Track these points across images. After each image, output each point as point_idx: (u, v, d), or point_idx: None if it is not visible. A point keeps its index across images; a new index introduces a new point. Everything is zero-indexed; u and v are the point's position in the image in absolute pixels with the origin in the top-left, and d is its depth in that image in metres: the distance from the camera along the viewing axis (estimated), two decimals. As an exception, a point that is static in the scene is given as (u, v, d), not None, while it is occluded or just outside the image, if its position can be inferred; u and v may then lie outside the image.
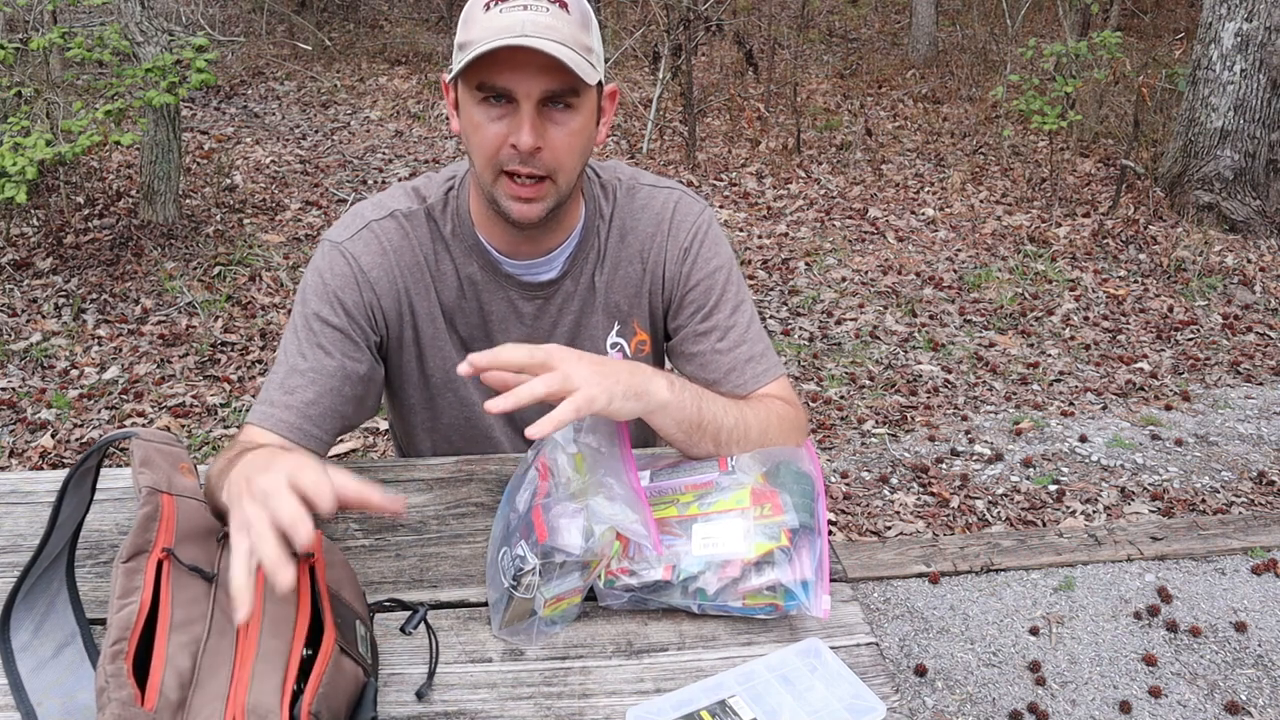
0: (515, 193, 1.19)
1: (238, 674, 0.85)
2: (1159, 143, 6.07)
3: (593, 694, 0.97)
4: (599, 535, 1.00)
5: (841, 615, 1.07)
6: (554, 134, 1.17)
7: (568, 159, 1.19)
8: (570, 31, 1.14)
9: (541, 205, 1.21)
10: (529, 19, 1.12)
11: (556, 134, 1.17)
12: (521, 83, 1.13)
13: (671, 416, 1.16)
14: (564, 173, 1.20)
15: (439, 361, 1.37)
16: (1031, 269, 4.76)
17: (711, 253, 1.37)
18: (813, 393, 3.68)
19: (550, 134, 1.17)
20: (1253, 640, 2.49)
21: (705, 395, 1.21)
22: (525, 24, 1.12)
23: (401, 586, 1.11)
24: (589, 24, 1.17)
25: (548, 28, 1.12)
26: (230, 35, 8.12)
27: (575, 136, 1.19)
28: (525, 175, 1.18)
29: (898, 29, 9.97)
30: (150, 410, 3.42)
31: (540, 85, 1.13)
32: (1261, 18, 5.01)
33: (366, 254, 1.29)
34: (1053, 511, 3.01)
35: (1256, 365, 3.95)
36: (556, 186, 1.21)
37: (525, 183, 1.19)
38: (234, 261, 4.45)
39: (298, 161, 5.94)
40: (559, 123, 1.17)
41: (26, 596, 1.01)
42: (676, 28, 6.15)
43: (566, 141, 1.18)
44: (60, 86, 5.06)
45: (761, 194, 5.71)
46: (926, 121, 7.05)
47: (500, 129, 1.16)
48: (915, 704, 2.31)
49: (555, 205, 1.23)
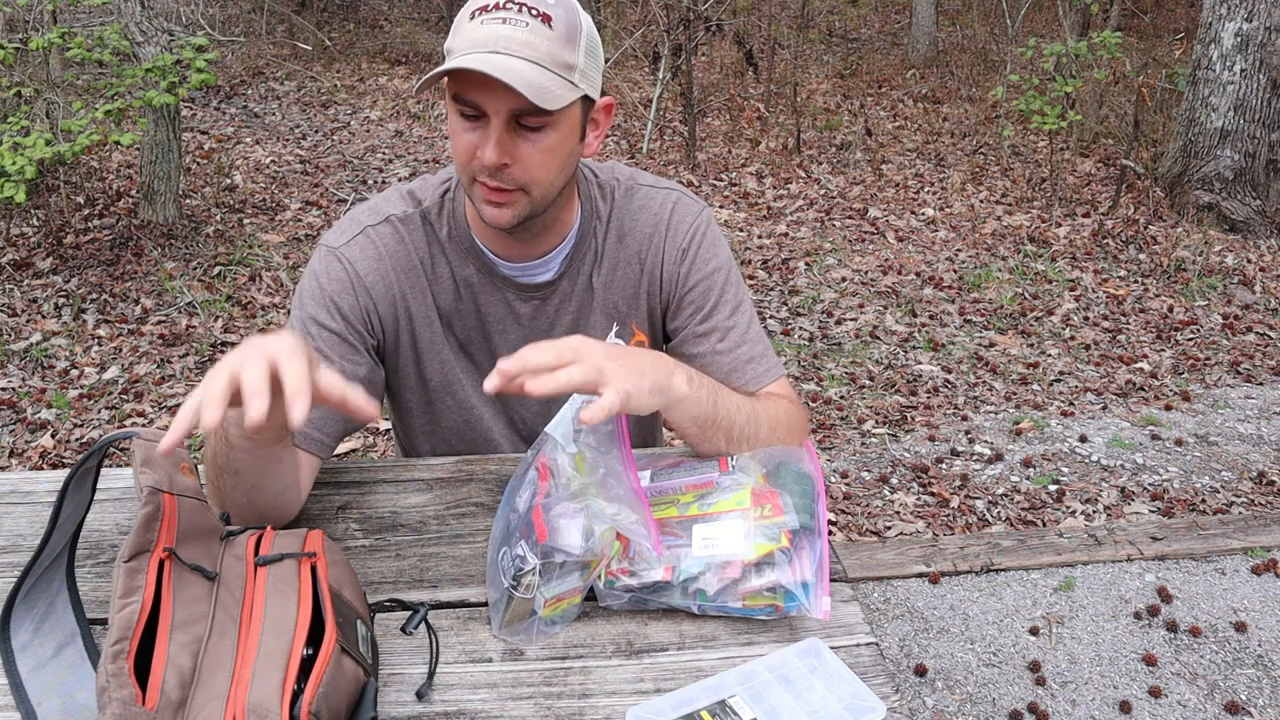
0: (487, 196, 1.19)
1: (238, 673, 0.85)
2: (1159, 143, 6.07)
3: (593, 694, 0.97)
4: (599, 535, 1.00)
5: (841, 615, 1.07)
6: (524, 150, 1.16)
7: (540, 174, 1.19)
8: (548, 48, 1.12)
9: (512, 211, 1.20)
10: (505, 34, 1.11)
11: (527, 150, 1.16)
12: (490, 100, 1.13)
13: (688, 411, 1.16)
14: (538, 186, 1.20)
15: (436, 365, 1.37)
16: (1031, 269, 4.76)
17: (710, 253, 1.37)
18: (813, 393, 3.68)
19: (520, 150, 1.16)
20: (1253, 640, 2.49)
21: (721, 391, 1.21)
22: (499, 39, 1.11)
23: (401, 586, 1.11)
24: (574, 39, 1.15)
25: (523, 44, 1.11)
26: (230, 35, 8.12)
27: (547, 154, 1.17)
28: (494, 186, 1.18)
29: (898, 29, 9.97)
30: (150, 410, 3.42)
31: (507, 104, 1.12)
32: (1261, 18, 5.01)
33: (362, 259, 1.29)
34: (1053, 511, 3.01)
35: (1256, 365, 3.95)
36: (530, 198, 1.20)
37: (495, 189, 1.19)
38: (234, 261, 4.45)
39: (298, 161, 5.94)
40: (530, 140, 1.16)
41: (27, 596, 1.01)
42: (676, 28, 6.15)
43: (538, 158, 1.17)
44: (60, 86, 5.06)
45: (761, 194, 5.71)
46: (926, 121, 7.05)
47: (472, 139, 1.16)
48: (915, 704, 2.31)
49: (530, 214, 1.22)
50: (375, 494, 1.27)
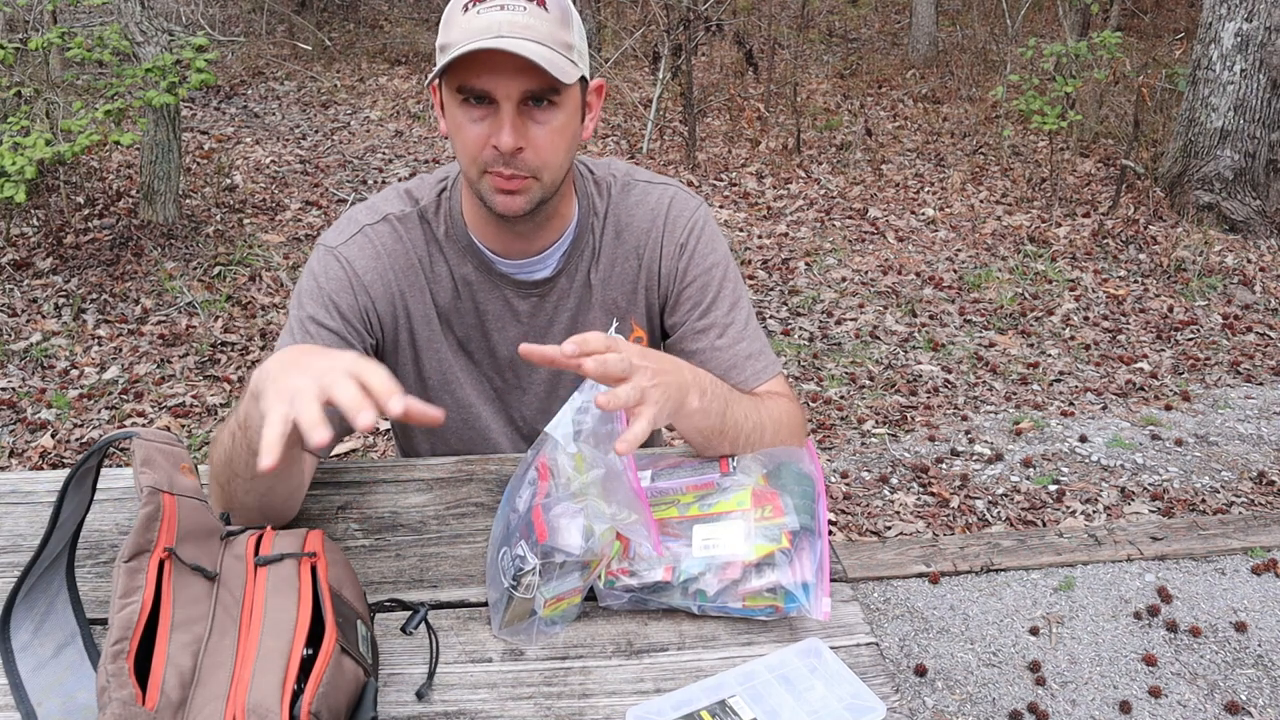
0: (499, 185, 1.19)
1: (238, 673, 0.85)
2: (1159, 143, 6.07)
3: (593, 694, 0.97)
4: (599, 535, 1.00)
5: (841, 615, 1.07)
6: (536, 133, 1.17)
7: (552, 157, 1.19)
8: (549, 29, 1.13)
9: (525, 198, 1.20)
10: (505, 19, 1.12)
11: (539, 133, 1.17)
12: (500, 84, 1.13)
13: (695, 424, 1.16)
14: (549, 170, 1.20)
15: (435, 364, 1.37)
16: (1031, 269, 4.76)
17: (708, 249, 1.37)
18: (813, 393, 3.68)
19: (532, 133, 1.17)
20: (1253, 640, 2.49)
21: (732, 401, 1.20)
22: (502, 24, 1.11)
23: (401, 586, 1.11)
24: (569, 20, 1.17)
25: (525, 27, 1.12)
26: (230, 35, 8.12)
27: (558, 134, 1.18)
28: (508, 175, 1.18)
29: (898, 29, 9.97)
30: (150, 410, 3.42)
31: (519, 86, 1.13)
32: (1261, 18, 5.01)
33: (360, 258, 1.29)
34: (1053, 511, 3.01)
35: (1256, 365, 3.95)
36: (541, 183, 1.21)
37: (509, 177, 1.19)
38: (234, 261, 4.45)
39: (298, 161, 5.94)
40: (541, 121, 1.17)
41: (27, 596, 1.01)
42: (676, 28, 6.15)
43: (549, 140, 1.18)
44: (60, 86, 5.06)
45: (761, 194, 5.71)
46: (926, 121, 7.05)
47: (482, 130, 1.16)
48: (915, 704, 2.31)
49: (541, 200, 1.22)
50: (375, 494, 1.27)
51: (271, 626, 0.89)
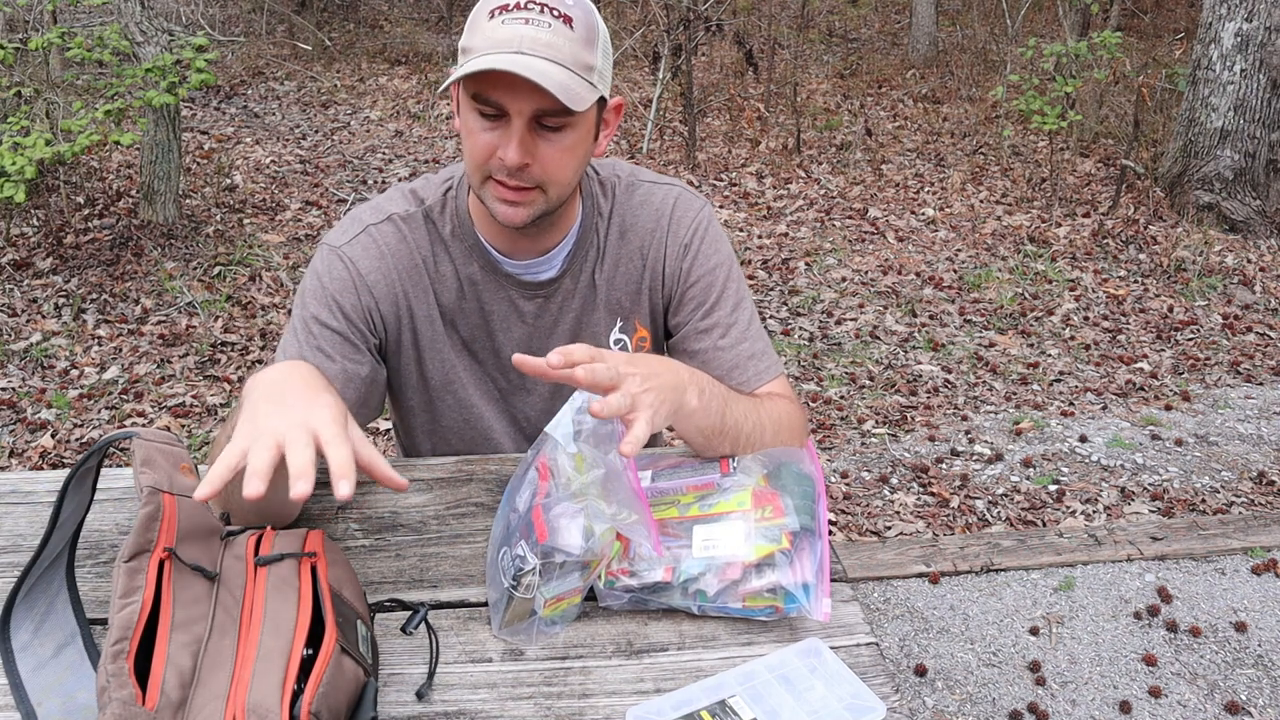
0: (502, 195, 1.19)
1: (238, 673, 0.85)
2: (1159, 143, 6.07)
3: (593, 694, 0.97)
4: (599, 535, 1.00)
5: (841, 615, 1.07)
6: (544, 150, 1.16)
7: (559, 174, 1.19)
8: (571, 50, 1.12)
9: (527, 210, 1.20)
10: (529, 35, 1.11)
11: (547, 150, 1.16)
12: (514, 100, 1.12)
13: (695, 424, 1.16)
14: (555, 185, 1.20)
15: (438, 364, 1.37)
16: (1031, 269, 4.76)
17: (712, 249, 1.37)
18: (813, 393, 3.68)
19: (541, 150, 1.16)
20: (1253, 640, 2.49)
21: (730, 400, 1.20)
22: (524, 40, 1.11)
23: (401, 586, 1.11)
24: (593, 40, 1.15)
25: (547, 45, 1.11)
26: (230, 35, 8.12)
27: (567, 153, 1.18)
28: (512, 185, 1.18)
29: (898, 29, 9.97)
30: (150, 410, 3.42)
31: (532, 104, 1.12)
32: (1261, 18, 5.01)
33: (364, 258, 1.29)
34: (1053, 511, 3.01)
35: (1256, 365, 3.95)
36: (546, 196, 1.20)
37: (513, 188, 1.18)
38: (234, 261, 4.45)
39: (298, 161, 5.94)
40: (550, 140, 1.16)
41: (27, 596, 1.01)
42: (676, 28, 6.15)
43: (557, 158, 1.17)
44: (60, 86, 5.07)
45: (761, 194, 5.71)
46: (926, 121, 7.05)
47: (491, 139, 1.16)
48: (915, 704, 2.31)
49: (544, 213, 1.22)
50: (375, 494, 1.27)
51: (271, 626, 0.89)
